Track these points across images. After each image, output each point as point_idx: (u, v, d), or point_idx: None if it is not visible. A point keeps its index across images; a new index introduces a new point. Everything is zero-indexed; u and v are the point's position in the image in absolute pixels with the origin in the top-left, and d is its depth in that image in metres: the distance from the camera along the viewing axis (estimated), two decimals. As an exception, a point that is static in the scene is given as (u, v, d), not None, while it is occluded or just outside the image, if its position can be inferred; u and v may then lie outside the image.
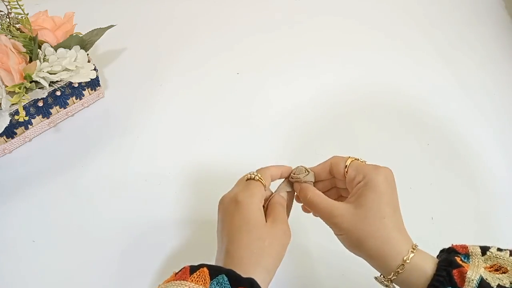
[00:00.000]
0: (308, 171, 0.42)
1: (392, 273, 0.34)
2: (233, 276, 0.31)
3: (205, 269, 0.32)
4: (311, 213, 0.42)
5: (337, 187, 0.43)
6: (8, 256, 0.50)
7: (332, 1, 0.86)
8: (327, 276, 0.49)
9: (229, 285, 0.31)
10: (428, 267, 0.34)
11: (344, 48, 0.77)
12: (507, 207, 0.57)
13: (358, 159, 0.40)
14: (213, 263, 0.37)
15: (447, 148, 0.63)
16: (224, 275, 0.31)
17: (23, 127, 0.59)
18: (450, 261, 0.33)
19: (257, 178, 0.39)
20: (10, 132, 0.57)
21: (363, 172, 0.37)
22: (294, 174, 0.42)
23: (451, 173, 0.60)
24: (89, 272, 0.49)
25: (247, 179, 0.40)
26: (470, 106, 0.69)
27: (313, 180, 0.42)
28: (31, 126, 0.60)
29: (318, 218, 0.40)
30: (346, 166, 0.39)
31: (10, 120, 0.54)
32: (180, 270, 0.33)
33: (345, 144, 0.63)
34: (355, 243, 0.36)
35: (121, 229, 0.53)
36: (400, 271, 0.34)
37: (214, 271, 0.32)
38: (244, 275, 0.32)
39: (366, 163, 0.39)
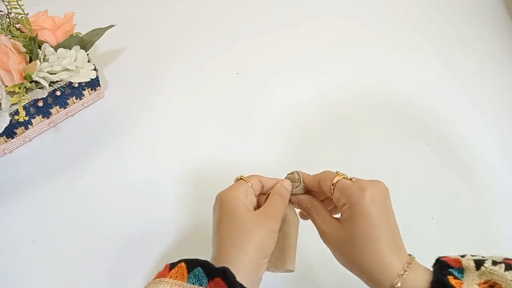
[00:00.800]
0: (299, 181, 0.42)
1: None
2: (207, 268, 0.32)
3: (182, 264, 0.33)
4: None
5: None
6: (8, 256, 0.50)
7: (332, 2, 0.86)
8: (327, 276, 0.49)
9: (204, 276, 0.32)
10: (421, 287, 0.33)
11: (344, 48, 0.77)
12: (506, 207, 0.57)
13: (345, 176, 0.38)
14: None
15: (447, 148, 0.63)
16: (199, 267, 0.32)
17: (23, 127, 0.59)
18: (443, 283, 0.32)
19: (239, 177, 0.41)
20: (10, 132, 0.57)
21: (347, 194, 0.36)
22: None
23: (451, 173, 0.60)
24: (89, 272, 0.49)
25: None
26: (469, 106, 0.69)
27: (302, 193, 0.42)
28: (31, 126, 0.60)
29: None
30: (333, 184, 0.38)
31: (10, 120, 0.54)
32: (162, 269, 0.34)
33: (345, 144, 0.63)
34: (346, 264, 0.36)
35: (121, 229, 0.53)
36: None
37: (191, 264, 0.33)
38: (223, 260, 0.34)
39: (354, 180, 0.37)
